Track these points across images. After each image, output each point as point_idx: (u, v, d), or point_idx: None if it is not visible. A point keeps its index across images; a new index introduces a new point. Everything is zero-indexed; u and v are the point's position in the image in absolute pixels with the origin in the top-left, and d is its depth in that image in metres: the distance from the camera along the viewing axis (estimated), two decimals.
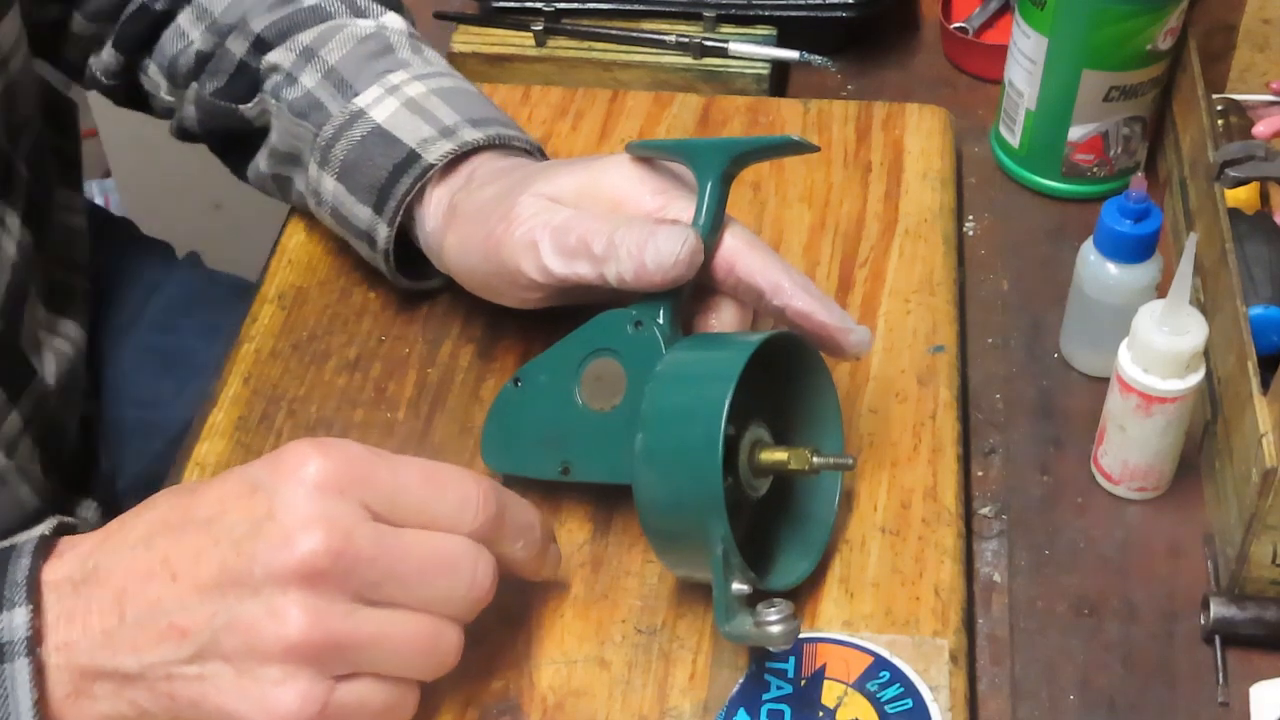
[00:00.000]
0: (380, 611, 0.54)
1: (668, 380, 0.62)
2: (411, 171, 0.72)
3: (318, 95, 0.76)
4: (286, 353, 0.78)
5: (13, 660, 0.54)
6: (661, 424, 0.60)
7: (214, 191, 1.47)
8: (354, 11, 0.80)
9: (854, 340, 0.65)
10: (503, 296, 0.70)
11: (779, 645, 0.58)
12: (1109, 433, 0.70)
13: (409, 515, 0.55)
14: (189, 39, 0.81)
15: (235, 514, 0.54)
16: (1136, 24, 0.80)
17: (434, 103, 0.75)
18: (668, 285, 0.63)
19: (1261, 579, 0.66)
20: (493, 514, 0.57)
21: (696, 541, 0.59)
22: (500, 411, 0.69)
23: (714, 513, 0.58)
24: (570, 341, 0.67)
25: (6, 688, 0.54)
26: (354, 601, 0.53)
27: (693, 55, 0.95)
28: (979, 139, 0.92)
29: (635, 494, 0.61)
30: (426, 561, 0.55)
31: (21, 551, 0.56)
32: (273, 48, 0.79)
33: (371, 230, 0.74)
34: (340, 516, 0.53)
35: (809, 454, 0.62)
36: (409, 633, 0.55)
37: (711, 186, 0.65)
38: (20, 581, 0.55)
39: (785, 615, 0.57)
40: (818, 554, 0.65)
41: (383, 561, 0.53)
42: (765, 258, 0.65)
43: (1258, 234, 0.76)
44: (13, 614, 0.54)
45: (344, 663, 0.54)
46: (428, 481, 0.56)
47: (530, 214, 0.66)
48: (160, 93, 0.85)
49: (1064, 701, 0.65)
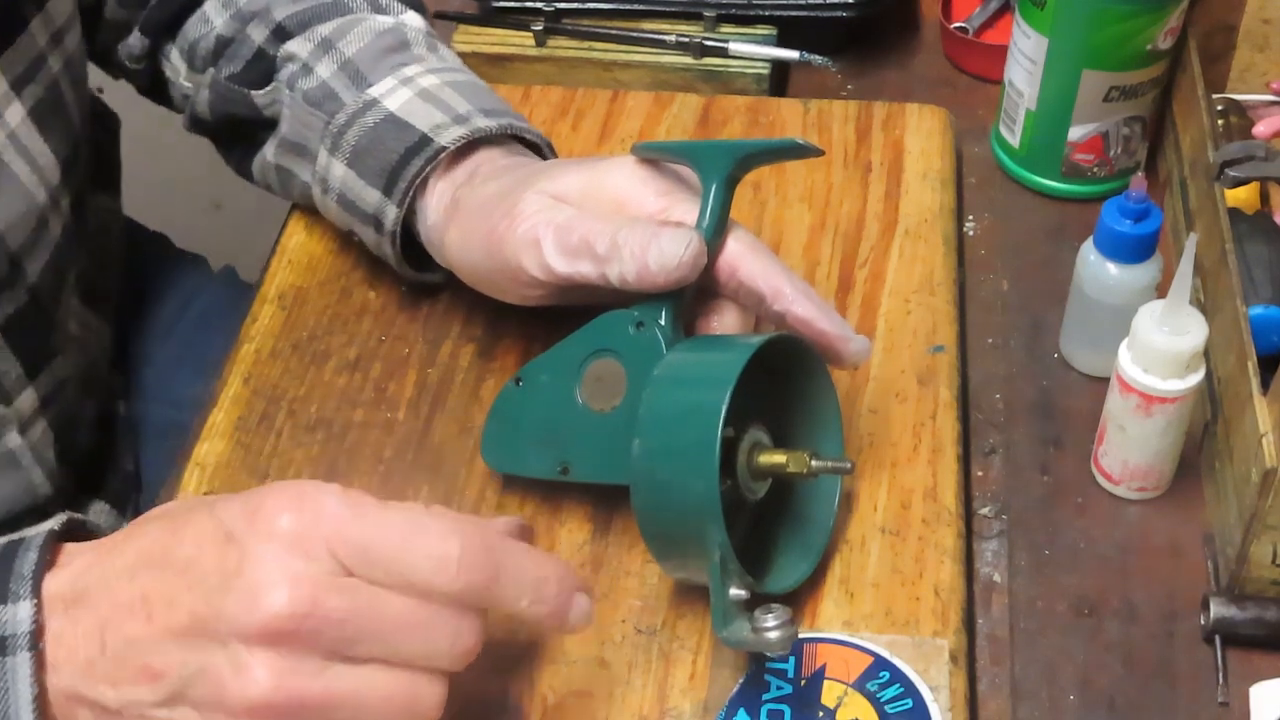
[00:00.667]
0: (353, 669, 0.52)
1: (666, 383, 0.62)
2: (423, 154, 0.72)
3: (332, 85, 0.77)
4: (286, 353, 0.78)
5: (14, 654, 0.53)
6: (659, 427, 0.60)
7: (214, 191, 1.47)
8: (375, 8, 0.81)
9: (853, 349, 0.65)
10: (504, 293, 0.70)
11: (776, 651, 0.57)
12: (1109, 433, 0.70)
13: (381, 574, 0.52)
14: (211, 24, 0.83)
15: (208, 562, 0.52)
16: (1136, 24, 0.80)
17: (447, 93, 0.75)
18: (670, 287, 0.63)
19: (1261, 579, 0.66)
20: (478, 577, 0.52)
21: (693, 547, 0.59)
22: (501, 410, 0.69)
23: (711, 519, 0.58)
24: (572, 342, 0.67)
25: (7, 681, 0.53)
26: (325, 659, 0.51)
27: (693, 55, 0.95)
28: (979, 139, 0.92)
29: (632, 498, 0.61)
30: (400, 621, 0.52)
31: (29, 546, 0.56)
32: (292, 37, 0.80)
33: (379, 213, 0.74)
34: (309, 575, 0.51)
35: (808, 457, 0.62)
36: (383, 691, 0.52)
37: (716, 189, 0.65)
38: (26, 576, 0.54)
39: (783, 621, 0.57)
40: (816, 556, 0.65)
41: (353, 622, 0.51)
42: (767, 262, 0.65)
43: (1258, 234, 0.76)
44: (17, 607, 0.54)
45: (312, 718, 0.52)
46: (405, 541, 0.52)
47: (534, 211, 0.66)
48: (179, 78, 0.86)
49: (1064, 701, 0.65)
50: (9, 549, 0.55)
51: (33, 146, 0.73)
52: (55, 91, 0.76)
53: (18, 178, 0.72)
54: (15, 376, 0.73)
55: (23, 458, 0.75)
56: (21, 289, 0.73)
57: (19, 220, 0.72)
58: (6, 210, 0.71)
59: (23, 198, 0.73)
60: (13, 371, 0.73)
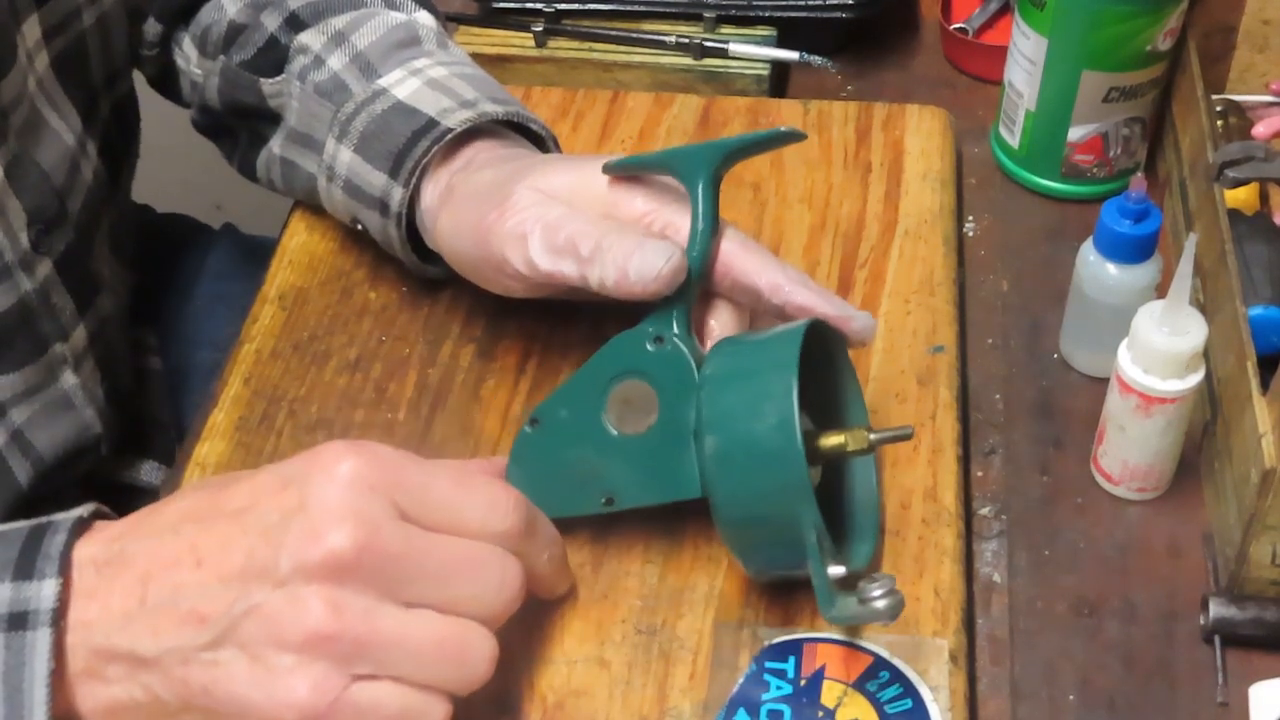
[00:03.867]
0: (405, 611, 0.54)
1: (723, 380, 0.61)
2: (430, 135, 0.73)
3: (343, 77, 0.77)
4: (287, 353, 0.78)
5: (35, 629, 0.55)
6: (730, 421, 0.60)
7: (214, 191, 1.47)
8: (388, 4, 0.82)
9: (857, 326, 0.65)
10: (488, 282, 0.71)
11: (886, 620, 0.57)
12: (1109, 433, 0.70)
13: (438, 517, 0.55)
14: (225, 11, 0.84)
15: (266, 505, 0.54)
16: (1136, 25, 0.80)
17: (455, 82, 0.76)
18: (646, 298, 0.63)
19: (1261, 579, 0.66)
20: (521, 521, 0.57)
21: (785, 534, 0.59)
22: (521, 457, 0.67)
23: (802, 497, 0.58)
24: (587, 372, 0.65)
25: (25, 655, 0.54)
26: (379, 599, 0.53)
27: (693, 56, 0.96)
28: (979, 139, 0.92)
29: (713, 498, 0.60)
30: (453, 562, 0.55)
31: (58, 528, 0.57)
32: (306, 27, 0.80)
33: (386, 195, 0.74)
34: (370, 513, 0.53)
35: (865, 432, 0.62)
36: (433, 635, 0.54)
37: (703, 190, 0.65)
38: (54, 555, 0.56)
39: (889, 589, 0.57)
40: (873, 534, 0.65)
41: (409, 560, 0.54)
42: (761, 258, 0.66)
43: (1257, 234, 0.76)
44: (42, 584, 0.55)
45: (363, 660, 0.53)
46: (457, 485, 0.56)
47: (524, 206, 0.66)
48: (190, 65, 0.87)
49: (1064, 701, 0.65)
50: (37, 530, 0.57)
51: (55, 95, 0.76)
52: (81, 45, 0.78)
53: (48, 123, 0.75)
54: (69, 313, 0.76)
55: (75, 397, 0.77)
56: (69, 226, 0.76)
57: (59, 161, 0.75)
58: (48, 151, 0.74)
59: (57, 140, 0.76)
60: (66, 308, 0.75)
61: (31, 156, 0.73)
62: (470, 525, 0.56)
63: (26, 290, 0.72)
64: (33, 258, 0.72)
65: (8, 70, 0.71)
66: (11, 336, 0.72)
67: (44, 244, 0.73)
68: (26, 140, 0.73)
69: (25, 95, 0.73)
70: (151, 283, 0.94)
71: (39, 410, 0.75)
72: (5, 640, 0.54)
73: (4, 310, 0.71)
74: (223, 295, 0.97)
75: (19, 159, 0.72)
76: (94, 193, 0.80)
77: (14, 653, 0.54)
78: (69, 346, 0.76)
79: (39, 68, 0.75)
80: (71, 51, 0.77)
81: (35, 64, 0.74)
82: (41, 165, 0.74)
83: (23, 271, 0.72)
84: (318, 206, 0.82)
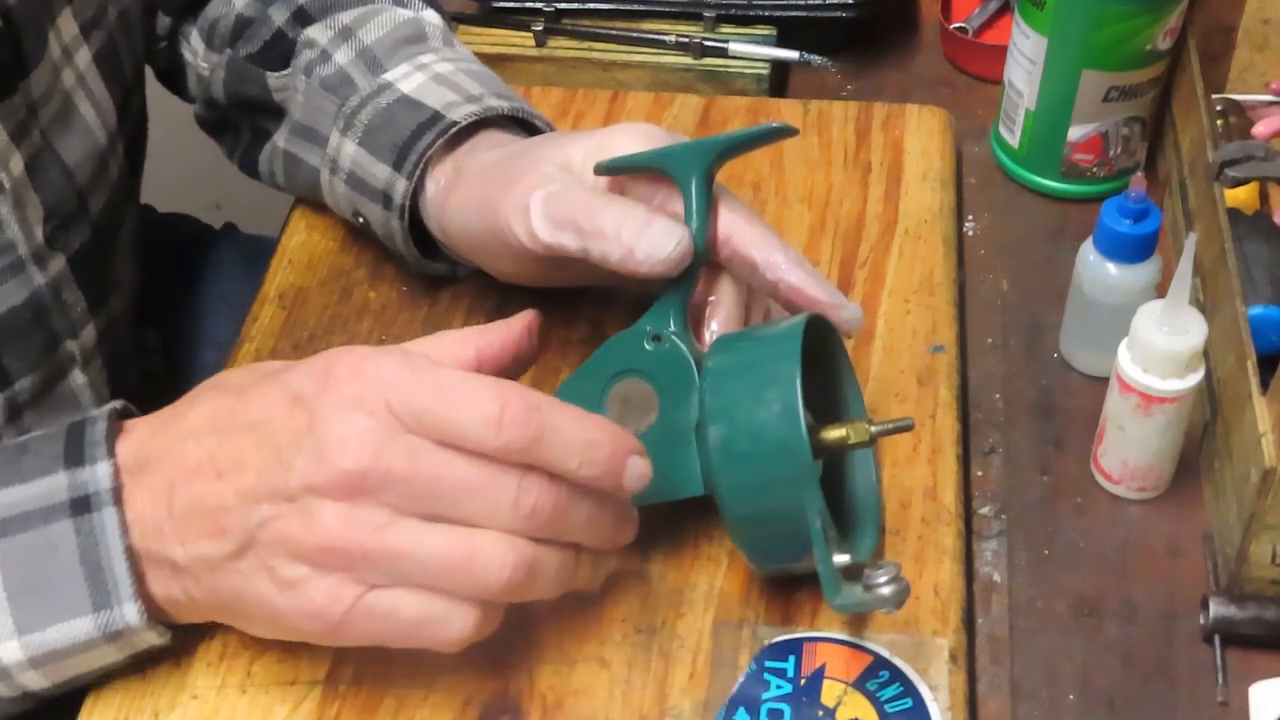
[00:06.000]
0: (418, 524, 0.55)
1: (726, 373, 0.61)
2: (435, 129, 0.73)
3: (349, 72, 0.78)
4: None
5: (100, 509, 0.57)
6: (734, 411, 0.60)
7: (214, 191, 1.47)
8: (395, 1, 0.82)
9: (845, 316, 0.65)
10: (496, 260, 0.71)
11: (892, 608, 0.57)
12: (1109, 432, 0.70)
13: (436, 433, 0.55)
14: (233, 4, 0.85)
15: (277, 423, 0.56)
16: (1136, 24, 0.80)
17: (461, 78, 0.76)
18: (649, 277, 0.63)
19: (1261, 579, 0.66)
20: (522, 433, 0.55)
21: (790, 523, 0.59)
22: None
23: (807, 485, 0.59)
24: (584, 373, 0.66)
25: (97, 536, 0.57)
26: (391, 513, 0.55)
27: (693, 55, 0.96)
28: (979, 139, 0.92)
29: (718, 489, 0.60)
30: (461, 480, 0.55)
31: (96, 419, 0.60)
32: (313, 22, 0.81)
33: (389, 187, 0.74)
34: (373, 434, 0.54)
35: (866, 425, 0.62)
36: (441, 544, 0.55)
37: (696, 188, 0.65)
38: (100, 440, 0.58)
39: (894, 575, 0.57)
40: (874, 529, 0.65)
41: (417, 478, 0.54)
42: (761, 231, 0.66)
43: (1257, 234, 0.76)
44: (95, 468, 0.58)
45: (374, 570, 0.55)
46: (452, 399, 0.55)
47: (532, 178, 0.67)
48: (197, 58, 0.87)
49: (1064, 701, 0.65)
50: (76, 425, 0.60)
51: (96, 90, 0.76)
52: (112, 40, 0.78)
53: (84, 119, 0.75)
54: (81, 310, 0.76)
55: (82, 395, 0.77)
56: (86, 224, 0.76)
57: (86, 159, 0.75)
58: (77, 149, 0.75)
59: (88, 138, 0.76)
60: (78, 305, 0.76)
61: (56, 152, 0.73)
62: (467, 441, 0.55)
63: (39, 285, 0.72)
64: (46, 252, 0.73)
65: (36, 63, 0.71)
66: (25, 331, 0.73)
67: (59, 239, 0.73)
68: (54, 135, 0.73)
69: (58, 89, 0.73)
70: (154, 283, 0.94)
71: (47, 409, 0.75)
72: (74, 525, 0.57)
73: (18, 304, 0.71)
74: (225, 295, 0.98)
75: (43, 153, 0.72)
76: (118, 190, 0.80)
77: (85, 535, 0.57)
78: (79, 344, 0.76)
79: (80, 63, 0.75)
80: (109, 47, 0.78)
81: (76, 58, 0.74)
82: (65, 161, 0.74)
83: (36, 266, 0.72)
84: (318, 205, 0.82)
